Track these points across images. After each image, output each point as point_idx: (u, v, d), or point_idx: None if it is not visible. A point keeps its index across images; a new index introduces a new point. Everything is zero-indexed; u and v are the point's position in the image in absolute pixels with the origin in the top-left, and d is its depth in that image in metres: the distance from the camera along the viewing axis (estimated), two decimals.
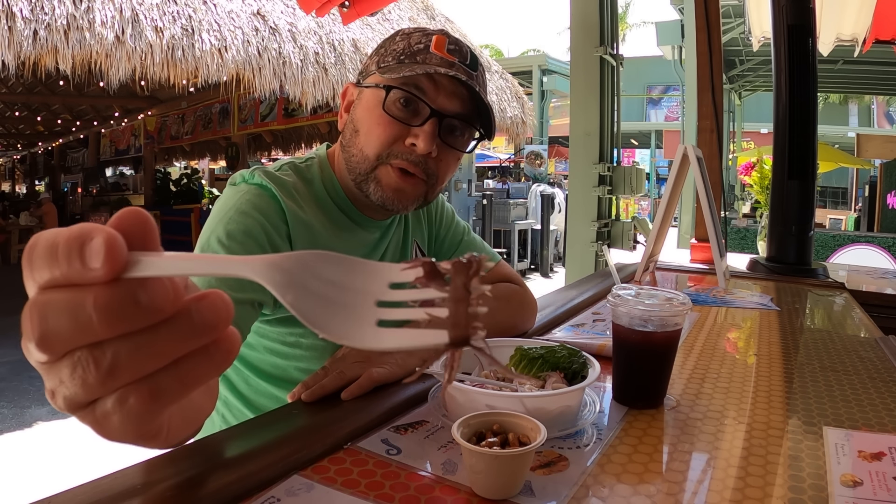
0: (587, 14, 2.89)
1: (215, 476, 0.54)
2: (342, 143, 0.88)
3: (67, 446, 2.93)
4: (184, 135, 10.81)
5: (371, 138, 0.82)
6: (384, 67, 0.82)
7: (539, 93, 14.80)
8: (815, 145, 1.99)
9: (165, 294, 0.25)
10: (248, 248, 0.76)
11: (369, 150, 0.83)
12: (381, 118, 0.81)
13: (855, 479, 0.56)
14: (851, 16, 4.14)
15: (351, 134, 0.86)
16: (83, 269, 0.24)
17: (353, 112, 0.87)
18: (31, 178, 19.31)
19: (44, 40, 4.11)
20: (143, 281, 0.25)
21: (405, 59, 0.81)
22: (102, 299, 0.24)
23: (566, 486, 0.54)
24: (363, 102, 0.85)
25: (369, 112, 0.83)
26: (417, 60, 0.80)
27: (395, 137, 0.82)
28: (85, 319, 0.24)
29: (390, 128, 0.81)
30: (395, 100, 0.81)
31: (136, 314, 0.24)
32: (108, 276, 0.24)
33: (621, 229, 3.07)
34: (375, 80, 0.83)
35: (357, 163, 0.85)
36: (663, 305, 0.73)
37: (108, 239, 0.24)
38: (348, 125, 0.87)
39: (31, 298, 0.25)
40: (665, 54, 13.15)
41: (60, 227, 0.25)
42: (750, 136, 14.96)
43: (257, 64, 5.34)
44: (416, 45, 0.82)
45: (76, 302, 0.24)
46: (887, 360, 0.98)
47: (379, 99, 0.81)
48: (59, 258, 0.24)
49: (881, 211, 6.62)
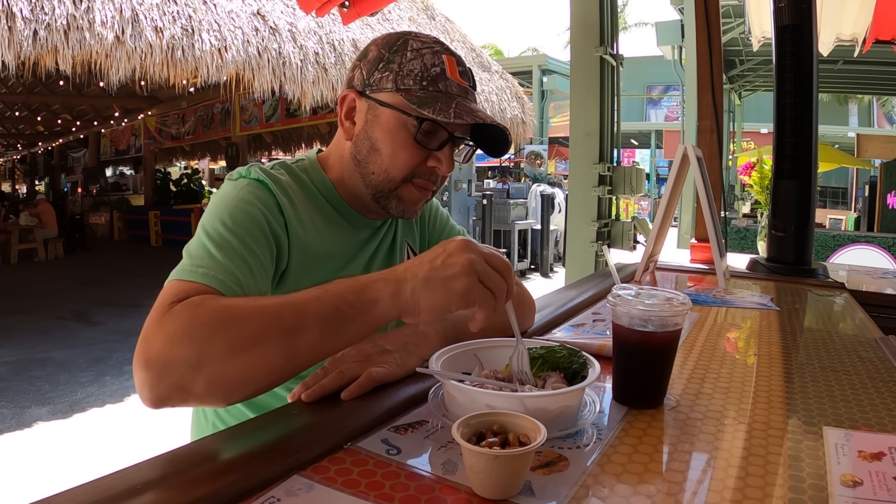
0: (587, 14, 2.89)
1: (215, 476, 0.54)
2: (356, 157, 0.89)
3: (67, 446, 2.94)
4: (184, 135, 10.81)
5: (398, 162, 0.86)
6: (407, 92, 0.84)
7: (539, 93, 14.81)
8: (816, 145, 1.99)
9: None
10: (251, 232, 0.77)
11: (395, 173, 0.87)
12: (406, 143, 0.85)
13: (855, 479, 0.56)
14: (851, 16, 4.15)
15: (368, 151, 0.87)
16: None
17: (369, 129, 0.87)
18: (31, 178, 19.32)
19: (44, 40, 4.11)
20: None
21: (428, 87, 0.84)
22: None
23: (566, 486, 0.54)
24: (382, 123, 0.86)
25: (392, 135, 0.85)
26: (440, 89, 0.84)
27: (420, 161, 0.87)
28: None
29: (417, 153, 0.86)
30: (423, 130, 0.85)
31: None
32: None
33: (621, 229, 3.07)
34: (396, 101, 0.84)
35: (380, 181, 0.88)
36: (663, 305, 0.73)
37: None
38: (362, 141, 0.88)
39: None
40: (665, 54, 13.15)
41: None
42: (750, 136, 14.96)
43: (257, 64, 5.34)
44: (433, 68, 0.85)
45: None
46: (887, 360, 0.98)
47: (403, 124, 0.85)
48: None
49: (881, 211, 6.62)
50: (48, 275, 8.12)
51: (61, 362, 4.26)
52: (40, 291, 6.79)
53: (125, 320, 5.47)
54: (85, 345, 4.71)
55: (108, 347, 4.61)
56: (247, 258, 0.74)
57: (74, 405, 3.49)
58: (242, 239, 0.75)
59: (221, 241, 0.74)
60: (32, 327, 5.18)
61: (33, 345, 4.66)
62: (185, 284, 0.68)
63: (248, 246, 0.75)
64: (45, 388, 3.75)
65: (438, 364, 0.70)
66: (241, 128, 9.54)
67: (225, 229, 0.75)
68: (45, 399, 3.57)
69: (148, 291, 0.90)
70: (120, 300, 6.30)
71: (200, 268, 0.70)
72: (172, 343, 0.60)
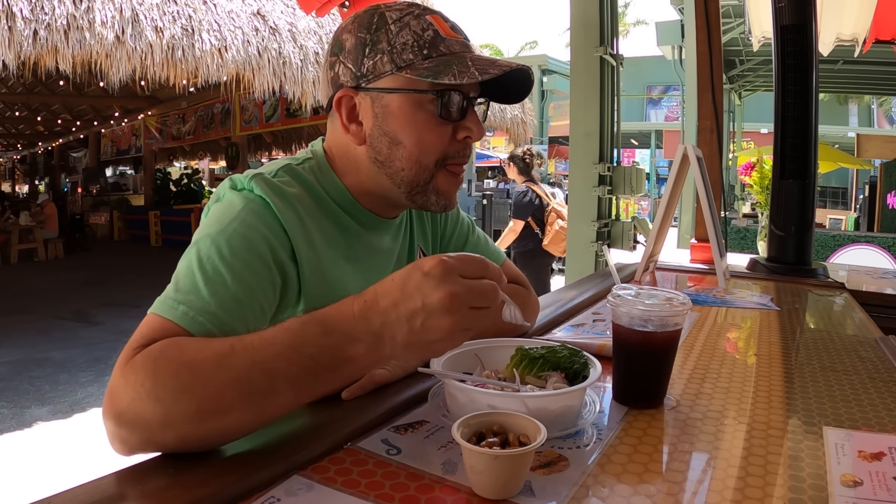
0: (587, 14, 2.89)
1: (215, 476, 0.54)
2: (376, 159, 0.79)
3: (67, 446, 2.94)
4: (185, 135, 10.80)
5: (427, 146, 0.77)
6: (411, 67, 0.74)
7: (539, 93, 14.81)
8: (816, 145, 1.99)
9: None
10: (250, 264, 0.69)
11: (428, 159, 0.78)
12: (429, 123, 0.77)
13: (855, 479, 0.56)
14: (851, 16, 4.14)
15: (389, 148, 0.78)
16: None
17: (383, 124, 0.77)
18: (31, 178, 19.31)
19: (44, 40, 4.11)
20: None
21: (431, 54, 0.75)
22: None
23: (566, 486, 0.54)
24: (395, 111, 0.76)
25: (411, 120, 0.76)
26: (443, 51, 0.75)
27: (450, 138, 0.79)
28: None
29: (444, 130, 0.78)
30: (444, 103, 0.76)
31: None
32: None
33: (621, 229, 3.07)
34: (402, 82, 0.75)
35: (413, 175, 0.79)
36: (663, 305, 0.73)
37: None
38: (379, 139, 0.78)
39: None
40: (665, 54, 13.15)
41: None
42: (750, 136, 14.96)
43: (257, 64, 5.34)
44: (426, 32, 0.75)
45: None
46: (887, 360, 0.98)
47: (420, 103, 0.76)
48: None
49: (881, 211, 6.61)
50: (48, 275, 8.12)
51: (61, 362, 4.26)
52: (40, 291, 6.78)
53: (125, 320, 5.47)
54: (85, 345, 4.71)
55: (108, 347, 4.61)
56: (240, 297, 0.66)
57: (74, 405, 3.49)
58: (238, 274, 0.67)
59: (214, 273, 0.66)
60: (32, 327, 5.18)
61: (33, 345, 4.66)
62: (164, 323, 0.62)
63: (244, 281, 0.67)
64: (45, 388, 3.75)
65: (440, 364, 0.70)
66: (241, 128, 9.54)
67: (220, 259, 0.67)
68: (45, 399, 3.57)
69: (148, 292, 0.87)
70: (120, 300, 6.29)
71: (182, 305, 0.63)
72: (139, 401, 0.55)
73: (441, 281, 0.54)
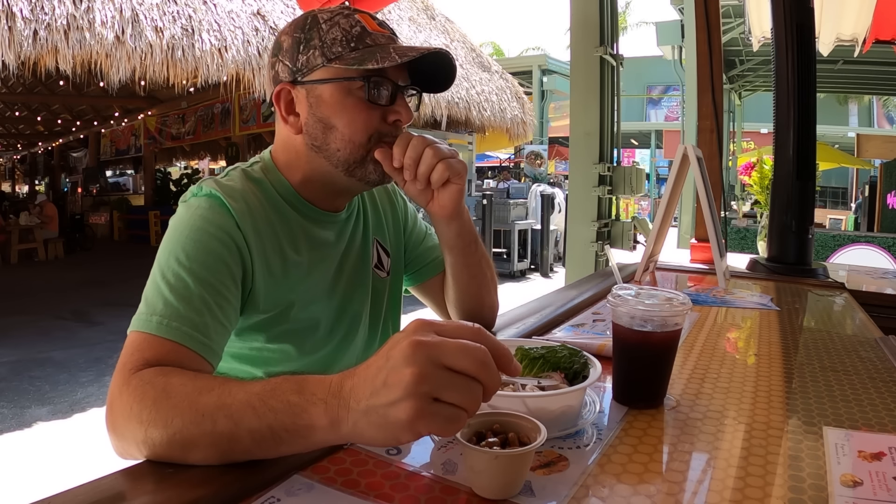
0: (587, 14, 2.89)
1: (215, 476, 0.54)
2: (313, 145, 0.85)
3: (67, 446, 2.94)
4: (184, 135, 10.80)
5: (357, 126, 0.83)
6: (339, 58, 0.81)
7: (539, 93, 14.81)
8: (815, 145, 1.98)
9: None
10: (209, 265, 0.74)
11: (360, 137, 0.83)
12: (358, 106, 0.82)
13: (855, 479, 0.56)
14: (851, 16, 4.15)
15: (324, 132, 0.84)
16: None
17: (316, 111, 0.83)
18: (31, 178, 19.31)
19: (44, 40, 4.12)
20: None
21: (357, 46, 0.81)
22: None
23: (566, 486, 0.54)
24: (327, 99, 0.82)
25: (341, 105, 0.82)
26: (368, 43, 0.82)
27: (379, 120, 0.84)
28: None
29: (373, 113, 0.83)
30: (371, 87, 0.82)
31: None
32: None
33: (621, 229, 3.07)
34: (332, 72, 0.82)
35: (348, 154, 0.84)
36: (663, 305, 0.73)
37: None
38: (314, 126, 0.84)
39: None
40: (665, 54, 13.15)
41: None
42: (750, 136, 14.97)
43: (257, 64, 5.34)
44: (353, 29, 0.82)
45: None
46: (887, 360, 0.98)
47: (349, 90, 0.82)
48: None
49: (881, 211, 6.61)
50: (48, 275, 8.12)
51: (61, 362, 4.26)
52: (40, 291, 6.78)
53: (125, 320, 5.32)
54: (85, 345, 4.71)
55: (108, 347, 4.60)
56: (205, 296, 0.72)
57: (74, 405, 3.49)
58: (198, 275, 0.72)
59: (176, 281, 0.72)
60: (32, 327, 5.18)
61: (33, 345, 4.66)
62: (144, 337, 0.68)
63: (205, 281, 0.73)
64: (45, 388, 3.75)
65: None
66: (240, 128, 9.54)
67: (179, 266, 0.73)
68: (45, 399, 3.57)
69: None
70: (120, 300, 6.29)
71: (155, 315, 0.69)
72: (128, 418, 0.60)
73: (410, 334, 0.50)
